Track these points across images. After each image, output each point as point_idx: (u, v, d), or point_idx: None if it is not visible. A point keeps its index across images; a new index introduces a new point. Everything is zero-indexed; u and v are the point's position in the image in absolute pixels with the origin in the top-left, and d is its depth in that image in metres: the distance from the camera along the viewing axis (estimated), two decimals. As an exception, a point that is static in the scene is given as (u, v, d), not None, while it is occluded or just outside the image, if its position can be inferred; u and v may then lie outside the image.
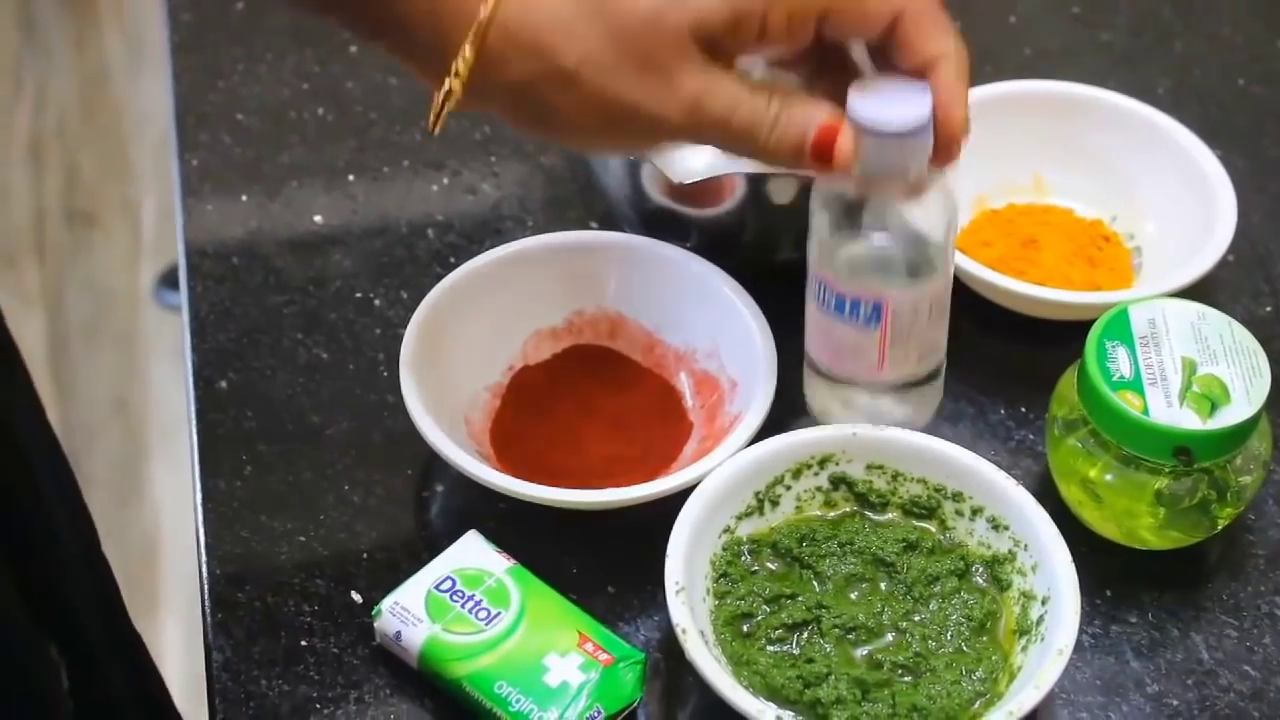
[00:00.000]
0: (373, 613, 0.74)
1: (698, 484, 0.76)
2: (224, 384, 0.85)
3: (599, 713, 0.71)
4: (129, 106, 2.50)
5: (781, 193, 0.84)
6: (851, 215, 0.75)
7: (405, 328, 0.82)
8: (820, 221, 0.76)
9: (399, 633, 0.73)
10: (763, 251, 0.87)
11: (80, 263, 2.28)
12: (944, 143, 0.70)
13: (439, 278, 0.84)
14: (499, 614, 0.73)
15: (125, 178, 2.39)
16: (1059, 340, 0.84)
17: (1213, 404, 0.74)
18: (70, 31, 2.61)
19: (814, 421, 0.82)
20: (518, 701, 0.71)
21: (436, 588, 0.74)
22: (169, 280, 2.17)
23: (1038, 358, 0.86)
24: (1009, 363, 0.88)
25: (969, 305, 0.88)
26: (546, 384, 0.86)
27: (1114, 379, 0.75)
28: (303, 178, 0.96)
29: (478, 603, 0.74)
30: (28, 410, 0.83)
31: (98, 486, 2.00)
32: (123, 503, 1.99)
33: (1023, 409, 0.86)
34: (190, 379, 0.85)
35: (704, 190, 0.85)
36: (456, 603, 0.74)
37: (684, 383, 0.86)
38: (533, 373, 0.86)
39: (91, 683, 0.81)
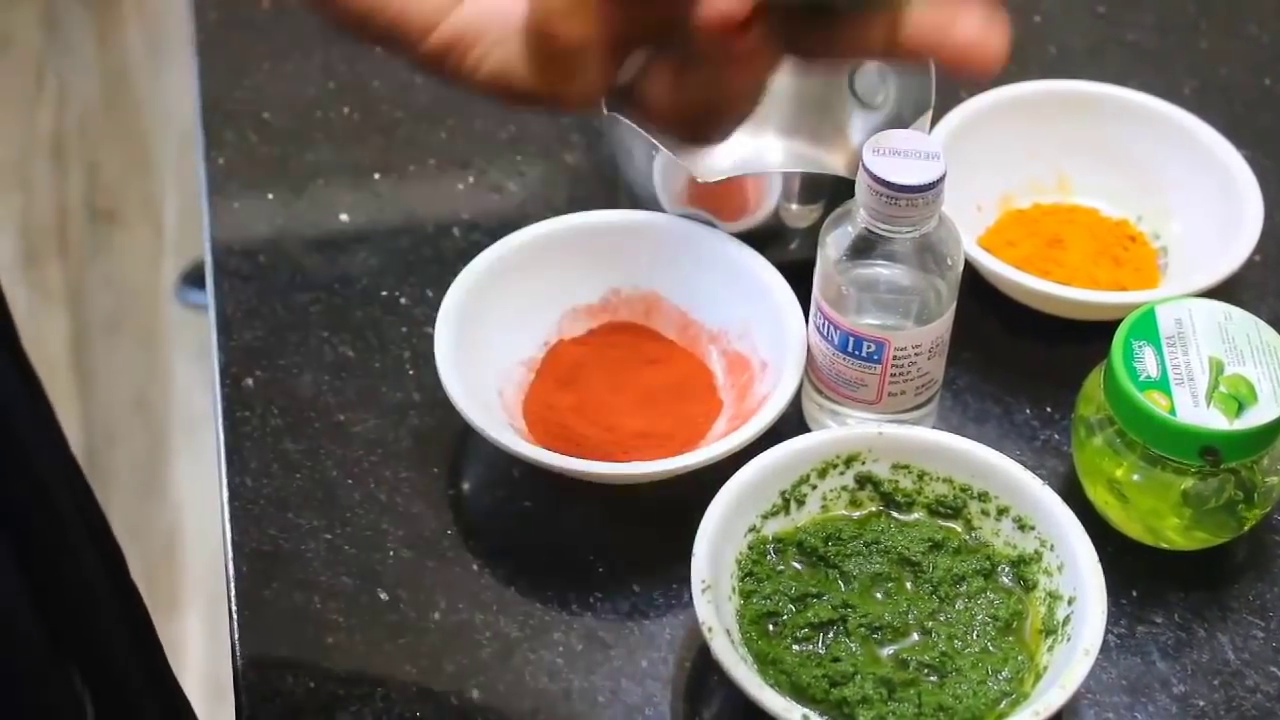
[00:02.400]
0: None
1: (722, 460, 0.77)
2: (250, 382, 0.85)
3: None
4: (151, 103, 2.51)
5: (799, 219, 0.85)
6: (859, 252, 0.76)
7: (430, 325, 0.82)
8: (828, 255, 0.77)
9: None
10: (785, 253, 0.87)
11: (102, 260, 2.29)
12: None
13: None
14: None
15: (147, 175, 2.40)
16: (1085, 340, 0.84)
17: (1240, 404, 0.74)
18: (92, 28, 2.62)
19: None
20: None
21: None
22: (190, 279, 2.17)
23: (1063, 357, 0.86)
24: (1035, 362, 0.88)
25: (995, 305, 0.88)
26: (581, 359, 0.86)
27: (1141, 379, 0.75)
28: (329, 176, 0.96)
29: None
30: (48, 440, 0.83)
31: (119, 484, 2.01)
32: (144, 500, 1.99)
33: (1048, 409, 0.86)
34: (217, 377, 0.85)
35: (729, 199, 0.85)
36: None
37: (716, 362, 0.86)
38: (568, 348, 0.87)
39: (120, 715, 0.80)
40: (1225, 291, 0.85)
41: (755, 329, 0.85)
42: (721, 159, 0.96)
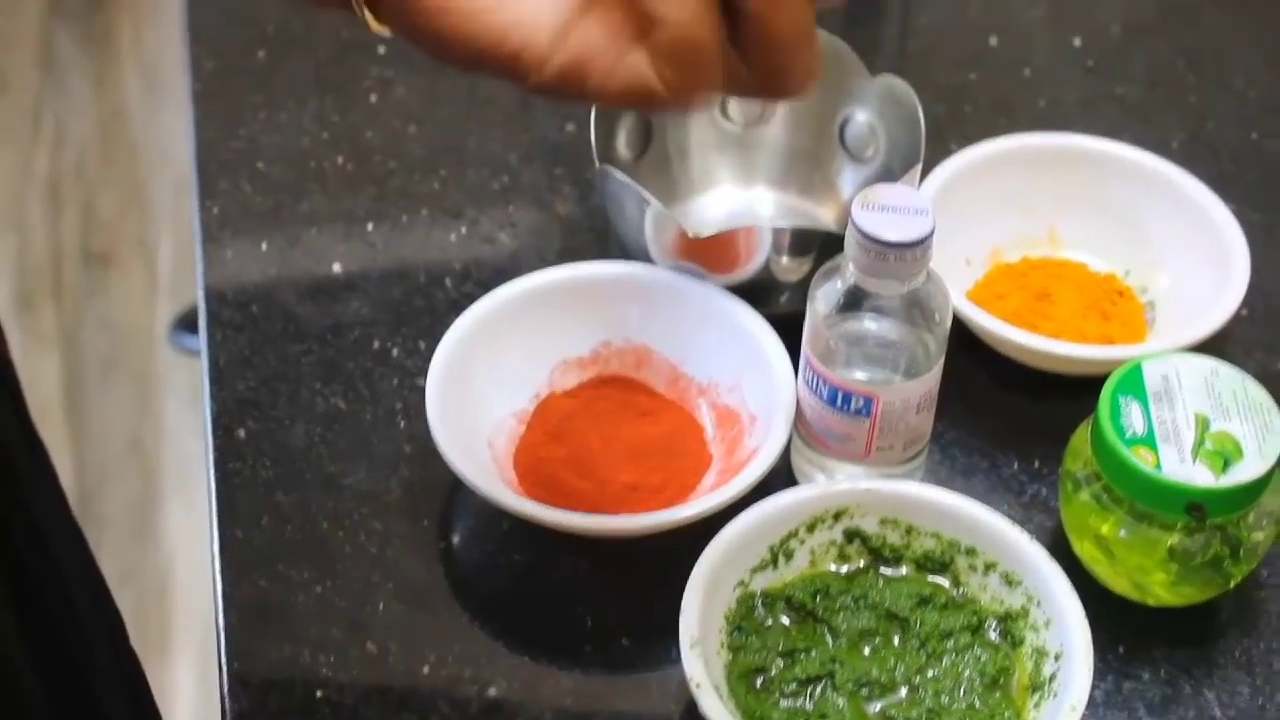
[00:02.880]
0: None
1: (712, 514, 0.77)
2: (242, 433, 0.86)
3: None
4: (147, 146, 2.52)
5: (789, 272, 0.85)
6: (848, 306, 0.77)
7: (422, 377, 0.83)
8: (817, 310, 0.78)
9: None
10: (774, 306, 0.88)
11: (97, 303, 2.29)
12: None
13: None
14: None
15: (143, 218, 2.40)
16: (1073, 394, 0.84)
17: (1225, 460, 0.75)
18: (90, 69, 2.63)
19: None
20: None
21: None
22: (185, 323, 2.18)
23: (1052, 411, 0.87)
24: (1023, 416, 0.88)
25: (983, 358, 0.88)
26: (572, 412, 0.87)
27: (1127, 435, 0.76)
28: (322, 226, 0.97)
29: None
30: (50, 496, 0.83)
31: (111, 526, 2.01)
32: (137, 543, 1.99)
33: (1036, 463, 0.86)
34: (209, 428, 0.86)
35: (720, 252, 0.85)
36: None
37: (705, 415, 0.87)
38: (559, 400, 0.87)
39: None
40: (1212, 346, 0.85)
41: (745, 383, 0.85)
42: (712, 213, 0.96)
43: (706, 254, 0.86)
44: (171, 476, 2.06)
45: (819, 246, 0.86)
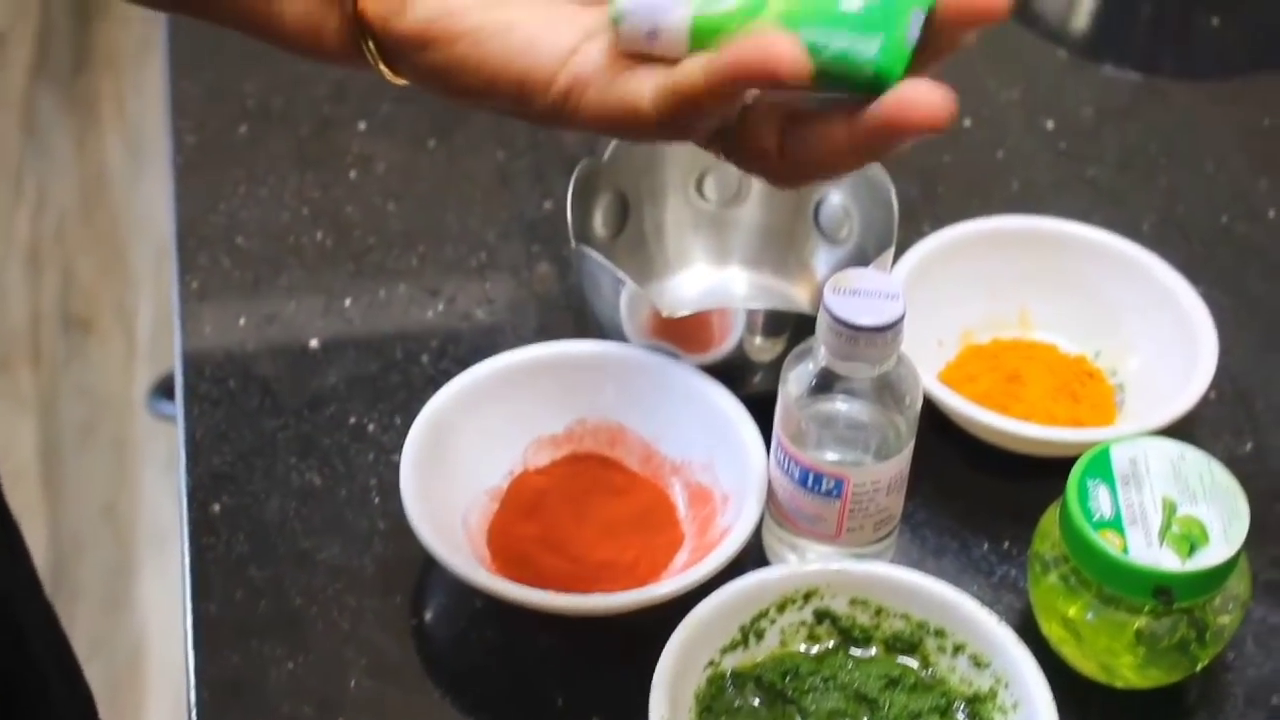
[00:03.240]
0: (611, 16, 0.59)
1: (684, 594, 0.77)
2: (217, 507, 0.86)
3: (918, 18, 0.58)
4: (128, 210, 2.52)
5: (763, 352, 0.86)
6: (820, 388, 0.78)
7: (397, 453, 0.83)
8: (789, 391, 0.79)
9: (654, 28, 0.59)
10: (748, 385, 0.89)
11: (75, 368, 2.29)
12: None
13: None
14: None
15: (122, 283, 2.41)
16: (1043, 475, 0.85)
17: (1192, 544, 0.75)
18: (72, 133, 2.64)
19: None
20: (829, 42, 0.57)
21: None
22: (163, 389, 2.18)
23: (1022, 492, 0.87)
24: (993, 497, 0.89)
25: (955, 439, 0.89)
26: (545, 488, 0.87)
27: (1095, 518, 0.76)
28: (300, 300, 0.97)
29: None
30: (22, 580, 0.84)
31: (86, 594, 2.00)
32: (110, 612, 1.99)
33: (1006, 544, 0.87)
34: (184, 503, 0.86)
35: (694, 332, 0.86)
36: None
37: (678, 493, 0.87)
38: (532, 477, 0.88)
39: None
40: (1181, 428, 0.86)
41: (718, 461, 0.86)
42: (687, 292, 0.97)
43: (681, 334, 0.87)
44: (146, 543, 2.06)
45: (792, 327, 0.86)
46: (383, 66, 0.63)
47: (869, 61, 0.57)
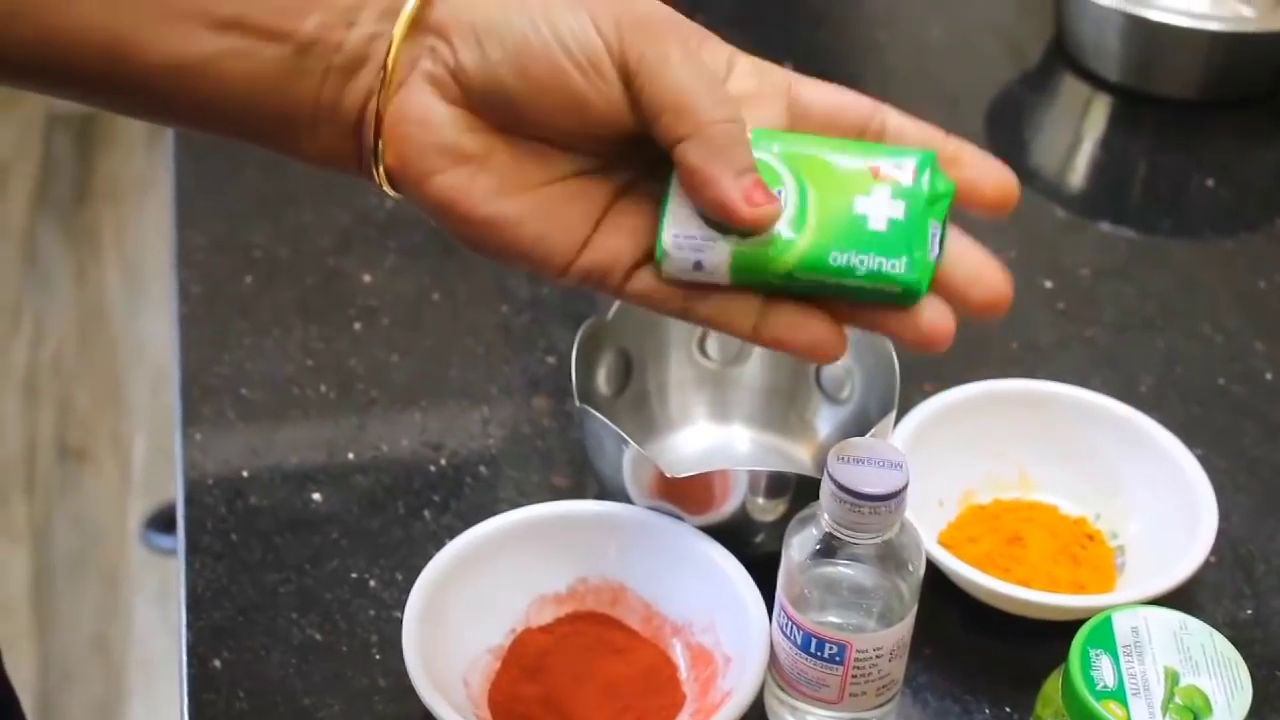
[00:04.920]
0: (657, 258, 0.64)
1: None
2: (218, 663, 0.86)
3: (936, 229, 0.63)
4: (125, 341, 2.54)
5: (765, 512, 0.87)
6: (823, 553, 0.78)
7: (399, 610, 0.83)
8: (791, 556, 0.79)
9: (698, 261, 0.63)
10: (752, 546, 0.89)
11: (69, 498, 2.29)
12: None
13: (432, 559, 0.86)
14: (779, 191, 0.63)
15: (119, 413, 2.41)
16: (1045, 638, 0.85)
17: (1195, 715, 0.75)
18: (71, 263, 2.66)
19: (801, 718, 0.83)
20: (860, 263, 0.62)
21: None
22: (157, 522, 2.18)
23: (1024, 655, 0.87)
24: (995, 660, 0.89)
25: (956, 600, 0.89)
26: (547, 648, 0.87)
27: (1097, 688, 0.76)
28: (304, 453, 0.98)
29: None
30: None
31: (73, 729, 1.99)
32: (99, 745, 1.97)
33: (1007, 709, 0.86)
34: (184, 658, 0.86)
35: (697, 493, 0.86)
36: None
37: (679, 654, 0.87)
38: (534, 636, 0.88)
39: None
40: (1182, 592, 0.86)
41: (719, 623, 0.86)
42: (689, 449, 0.98)
43: (684, 494, 0.87)
44: (136, 674, 2.05)
45: (794, 488, 0.87)
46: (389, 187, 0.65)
47: (899, 277, 0.62)
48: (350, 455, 0.98)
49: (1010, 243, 1.16)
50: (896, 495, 0.76)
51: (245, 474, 0.96)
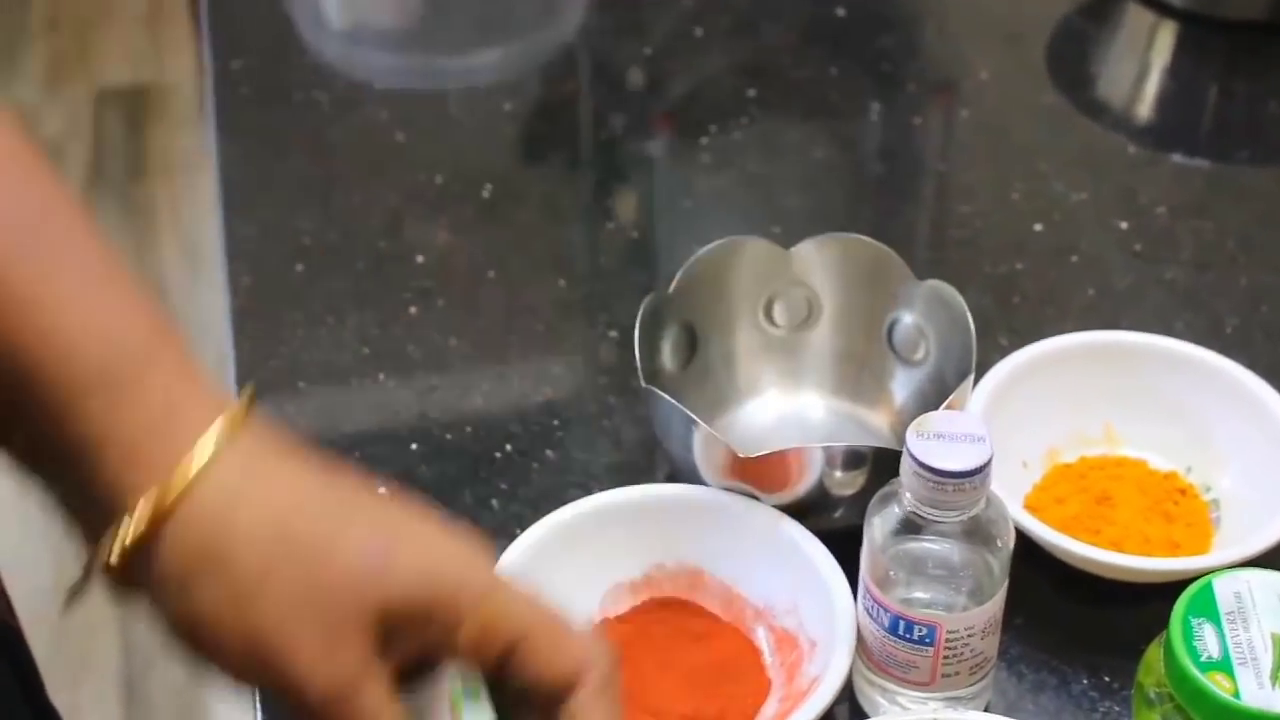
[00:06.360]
0: None
1: None
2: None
3: None
4: (185, 317, 2.52)
5: (844, 486, 0.84)
6: (906, 532, 0.75)
7: (471, 607, 0.81)
8: (874, 537, 0.76)
9: None
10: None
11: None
12: None
13: (503, 549, 0.83)
14: None
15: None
16: (1141, 601, 0.82)
17: (1306, 683, 0.72)
18: (129, 240, 2.65)
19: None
20: None
21: None
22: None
23: (1119, 621, 0.85)
24: (1089, 627, 0.86)
25: (1045, 567, 0.86)
26: (626, 638, 0.85)
27: (1202, 659, 0.73)
28: (366, 447, 0.95)
29: None
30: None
31: (157, 710, 1.99)
32: (183, 728, 1.97)
33: (1106, 678, 0.83)
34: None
35: (771, 472, 0.83)
36: None
37: (762, 639, 0.84)
38: (612, 626, 0.85)
39: None
40: (1282, 548, 0.83)
41: (802, 605, 0.83)
42: (759, 421, 0.95)
43: (758, 473, 0.84)
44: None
45: (872, 459, 0.84)
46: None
47: None
48: (414, 446, 0.95)
49: (1081, 183, 1.12)
50: (980, 471, 0.73)
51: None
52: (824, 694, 0.77)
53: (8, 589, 0.90)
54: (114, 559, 0.59)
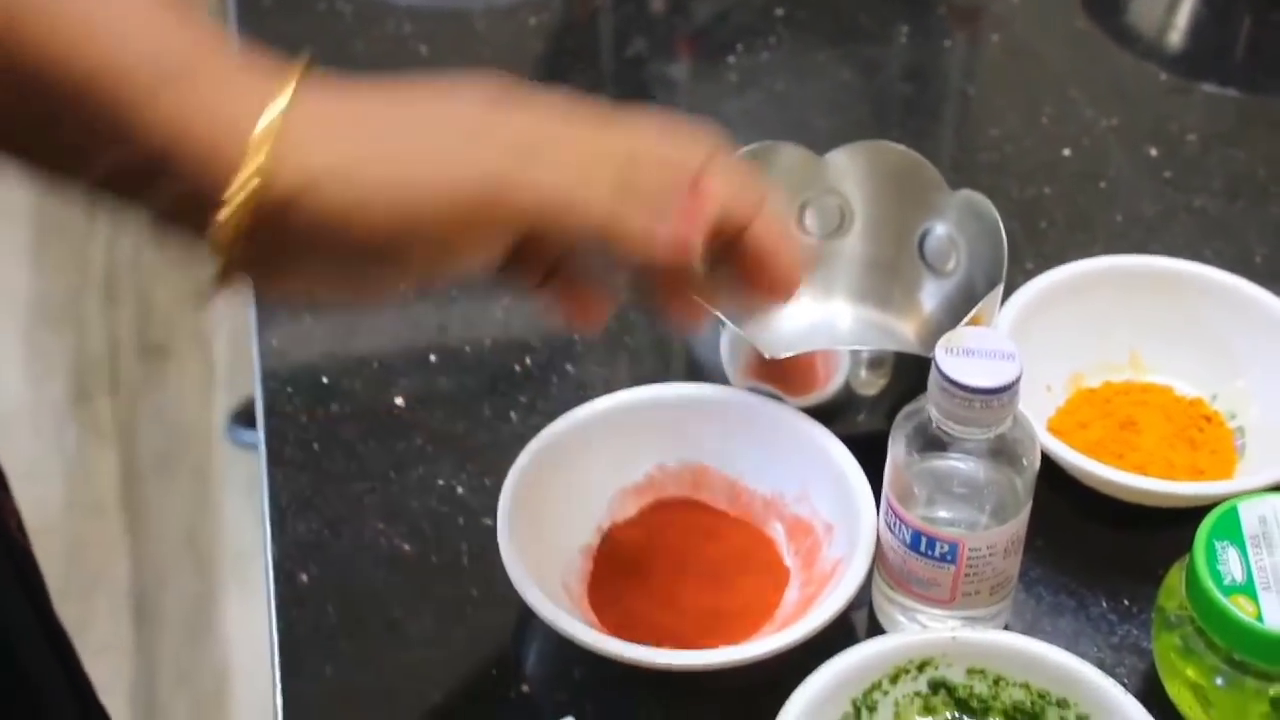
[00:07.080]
0: None
1: (812, 636, 0.75)
2: (305, 577, 0.83)
3: None
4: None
5: (868, 386, 0.83)
6: (931, 448, 0.74)
7: (488, 516, 0.81)
8: (898, 452, 0.75)
9: None
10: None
11: (153, 396, 2.29)
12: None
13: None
14: None
15: (199, 309, 2.40)
16: (1161, 526, 0.81)
17: (1330, 609, 0.71)
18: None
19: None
20: None
21: None
22: (241, 418, 2.17)
23: (1139, 545, 0.84)
24: (1110, 550, 0.85)
25: (1067, 490, 0.85)
26: (638, 542, 0.84)
27: (1225, 582, 0.72)
28: (384, 358, 0.95)
29: None
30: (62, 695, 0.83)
31: (169, 624, 1.99)
32: (194, 641, 1.98)
33: (1125, 601, 0.83)
34: (270, 574, 0.83)
35: (797, 373, 0.83)
36: None
37: (776, 529, 0.84)
38: (622, 531, 0.85)
39: None
40: (1307, 477, 0.82)
41: (814, 491, 0.82)
42: (789, 327, 0.94)
43: (784, 375, 0.83)
44: (229, 570, 2.05)
45: (897, 363, 0.83)
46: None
47: None
48: (432, 358, 0.94)
49: (1111, 110, 1.11)
50: (1009, 388, 0.72)
51: (325, 380, 0.93)
52: (853, 576, 0.76)
53: (19, 504, 0.90)
54: (246, 197, 0.58)
